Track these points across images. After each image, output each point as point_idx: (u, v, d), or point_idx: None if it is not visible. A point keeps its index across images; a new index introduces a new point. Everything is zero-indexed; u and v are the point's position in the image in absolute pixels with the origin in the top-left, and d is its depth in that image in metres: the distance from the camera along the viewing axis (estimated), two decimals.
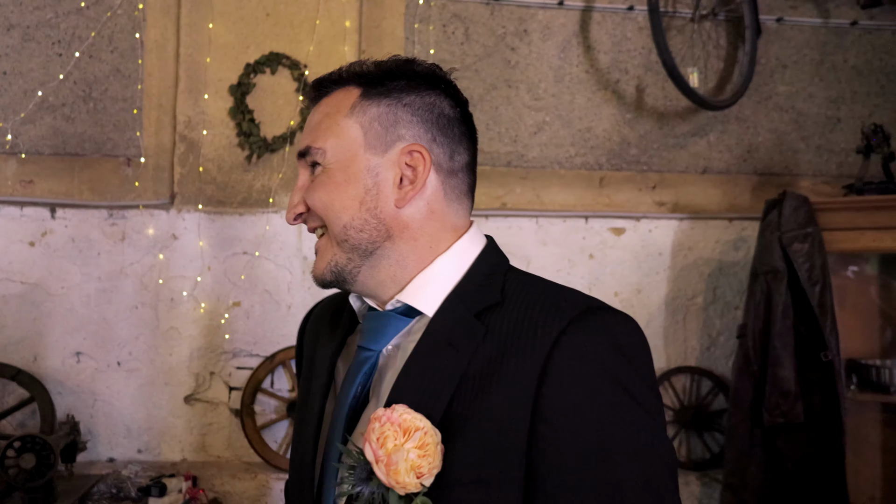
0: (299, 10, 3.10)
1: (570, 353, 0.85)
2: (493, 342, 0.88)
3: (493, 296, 0.93)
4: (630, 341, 0.88)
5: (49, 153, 3.09)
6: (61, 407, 3.04)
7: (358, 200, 0.95)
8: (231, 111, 3.08)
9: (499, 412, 0.84)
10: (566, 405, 0.84)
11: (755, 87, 3.26)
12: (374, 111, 0.97)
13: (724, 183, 3.29)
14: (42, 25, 3.08)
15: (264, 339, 3.10)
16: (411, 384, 0.90)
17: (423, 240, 0.97)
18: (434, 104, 0.98)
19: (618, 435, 0.83)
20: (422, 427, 0.83)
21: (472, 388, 0.87)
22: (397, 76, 0.98)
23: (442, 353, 0.90)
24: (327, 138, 0.97)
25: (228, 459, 3.09)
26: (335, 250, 0.97)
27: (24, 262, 3.04)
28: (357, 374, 0.97)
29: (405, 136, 0.96)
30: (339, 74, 1.01)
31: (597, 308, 0.89)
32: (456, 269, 0.97)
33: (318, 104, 1.01)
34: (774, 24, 3.30)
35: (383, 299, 0.99)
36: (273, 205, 3.09)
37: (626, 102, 3.26)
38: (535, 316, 0.88)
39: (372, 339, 0.98)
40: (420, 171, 0.95)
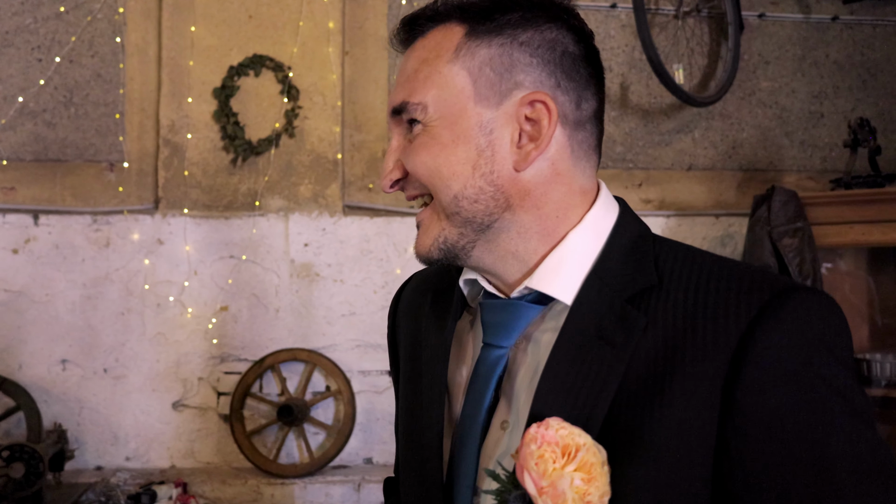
0: (282, 12, 2.87)
1: (768, 349, 0.66)
2: (657, 335, 0.70)
3: (648, 276, 0.74)
4: (834, 329, 0.69)
5: (31, 159, 2.85)
6: (48, 415, 2.81)
7: (470, 164, 0.75)
8: (215, 114, 2.85)
9: (676, 422, 0.67)
10: (766, 413, 0.66)
11: (738, 83, 3.05)
12: (484, 53, 0.76)
13: (709, 179, 3.08)
14: (21, 31, 2.84)
15: (253, 344, 2.87)
16: (558, 389, 0.72)
17: (549, 207, 0.77)
18: (556, 41, 0.77)
19: (834, 446, 0.65)
20: (583, 444, 0.66)
21: (636, 392, 0.69)
22: (510, 7, 0.76)
23: (593, 350, 0.72)
24: (427, 89, 0.76)
25: (218, 465, 2.86)
26: (444, 224, 0.77)
27: (7, 270, 2.81)
28: (490, 378, 0.78)
29: (524, 83, 0.75)
30: (436, 8, 0.78)
31: (791, 289, 0.69)
32: (593, 245, 0.77)
33: (411, 48, 0.80)
34: (756, 19, 3.10)
35: (506, 280, 0.79)
36: (259, 208, 2.86)
37: (611, 100, 3.05)
38: (712, 301, 0.69)
39: (500, 334, 0.79)
40: (544, 126, 0.75)
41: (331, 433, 2.84)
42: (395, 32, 0.82)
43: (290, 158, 2.87)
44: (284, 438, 2.82)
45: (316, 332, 2.87)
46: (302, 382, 2.85)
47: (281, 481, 2.74)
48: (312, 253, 2.87)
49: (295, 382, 2.87)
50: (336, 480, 2.74)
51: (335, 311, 2.88)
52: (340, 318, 2.88)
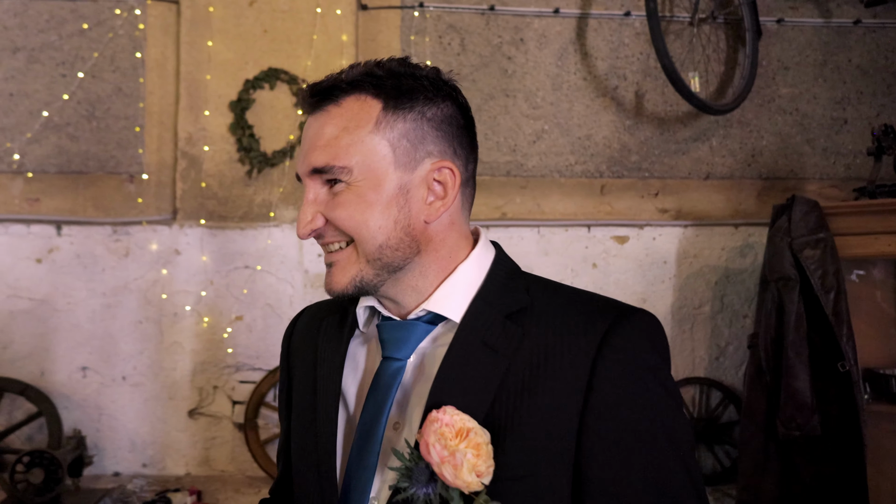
0: (296, 26, 2.75)
1: (618, 352, 0.81)
2: (531, 344, 0.83)
3: (521, 298, 0.87)
4: (661, 339, 0.86)
5: (54, 171, 2.78)
6: (68, 421, 2.73)
7: (392, 219, 0.85)
8: (231, 127, 2.74)
9: (548, 411, 0.80)
10: (615, 398, 0.80)
11: (757, 90, 2.84)
12: (400, 127, 0.85)
13: (728, 188, 2.86)
14: (46, 47, 2.77)
15: (267, 353, 2.74)
16: (451, 387, 0.83)
17: (445, 250, 0.89)
18: (453, 116, 0.89)
19: (659, 423, 0.81)
20: (472, 428, 0.77)
21: (515, 388, 0.81)
22: (416, 87, 0.86)
23: (479, 355, 0.84)
24: (352, 155, 0.84)
25: (232, 474, 2.74)
26: (362, 266, 0.86)
27: (31, 279, 2.73)
28: (391, 386, 0.87)
29: (433, 153, 0.87)
30: (343, 82, 0.86)
31: (633, 310, 0.85)
32: (477, 275, 0.90)
33: (322, 112, 0.87)
34: (775, 25, 2.88)
35: (404, 307, 0.90)
36: (274, 219, 2.74)
37: (626, 109, 2.86)
38: (574, 320, 0.84)
39: (399, 348, 0.88)
40: (450, 187, 0.87)
41: None
42: (306, 97, 0.88)
43: None
44: None
45: None
46: None
47: None
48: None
49: None
50: None
51: None
52: None
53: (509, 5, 2.88)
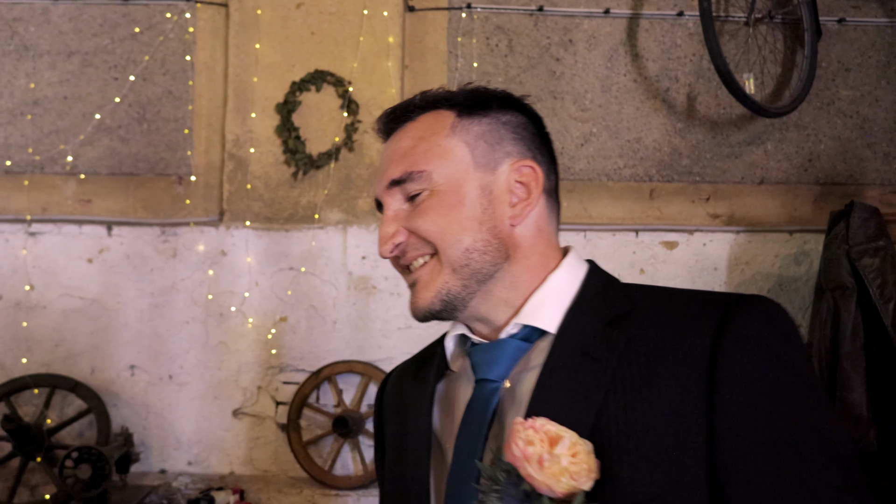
0: (343, 28, 2.85)
1: (739, 342, 0.75)
2: (638, 349, 0.78)
3: (622, 304, 0.83)
4: (788, 324, 0.79)
5: (106, 173, 2.93)
6: (116, 418, 2.87)
7: (477, 221, 0.85)
8: (277, 129, 2.85)
9: (665, 419, 0.74)
10: (745, 396, 0.73)
11: (816, 93, 2.83)
12: (476, 129, 0.87)
13: (783, 193, 2.87)
14: (100, 51, 2.93)
15: (310, 355, 2.85)
16: (550, 400, 0.78)
17: (535, 258, 0.87)
18: (527, 123, 0.91)
19: (803, 420, 0.73)
20: (568, 436, 0.71)
21: (623, 399, 0.76)
22: (488, 98, 0.90)
23: (579, 365, 0.79)
24: (430, 160, 0.85)
25: (275, 474, 2.85)
26: (447, 277, 0.85)
27: (82, 279, 2.89)
28: (487, 409, 0.83)
29: (512, 153, 0.88)
30: (421, 101, 0.90)
31: (750, 296, 0.80)
32: (571, 284, 0.87)
33: (400, 131, 0.89)
34: (836, 25, 2.88)
35: (495, 325, 0.88)
36: (319, 221, 2.84)
37: (677, 111, 2.89)
38: (682, 315, 0.79)
39: (490, 369, 0.85)
40: (533, 187, 0.87)
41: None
42: (383, 119, 0.91)
43: (350, 172, 2.85)
44: (339, 450, 2.79)
45: (372, 345, 2.83)
46: (358, 395, 2.81)
47: (335, 493, 2.70)
48: (370, 266, 2.83)
49: (351, 394, 2.83)
50: None
51: (391, 325, 2.83)
52: (396, 332, 2.82)
53: (558, 6, 2.93)
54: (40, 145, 2.94)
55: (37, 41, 2.94)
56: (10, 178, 2.92)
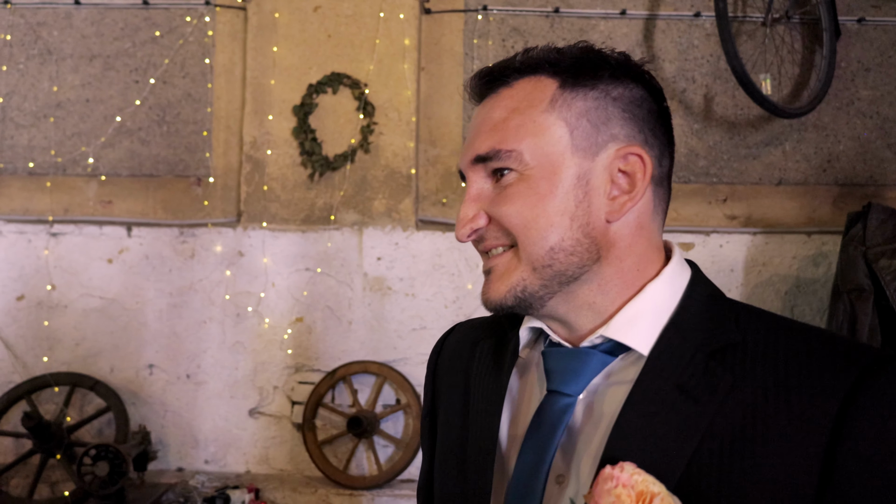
0: (359, 31, 2.95)
1: (874, 417, 0.65)
2: (744, 396, 0.69)
3: (730, 333, 0.73)
4: None
5: (126, 175, 3.06)
6: (135, 417, 2.99)
7: (568, 216, 0.75)
8: (294, 131, 2.96)
9: (770, 479, 0.66)
10: (865, 484, 0.64)
11: (835, 93, 2.88)
12: (580, 105, 0.77)
13: (801, 195, 2.91)
14: (121, 55, 3.06)
15: (326, 355, 2.94)
16: (634, 438, 0.71)
17: (631, 260, 0.78)
18: (643, 98, 0.79)
19: None
20: (657, 493, 0.65)
21: (721, 448, 0.68)
22: (599, 65, 0.78)
23: (673, 402, 0.71)
24: (522, 138, 0.76)
25: (291, 473, 2.95)
26: (526, 273, 0.76)
27: (102, 279, 3.01)
28: (557, 427, 0.76)
29: (619, 136, 0.77)
30: (526, 60, 0.80)
31: (888, 357, 0.69)
32: (670, 298, 0.77)
33: (491, 97, 0.80)
34: (855, 25, 2.92)
35: (577, 330, 0.79)
36: (334, 222, 2.94)
37: (694, 112, 2.95)
38: (804, 366, 0.69)
39: (568, 381, 0.77)
40: (639, 178, 0.76)
41: (400, 446, 2.87)
42: (475, 81, 0.82)
43: (365, 173, 2.94)
44: (354, 450, 2.87)
45: (387, 346, 2.91)
46: (372, 395, 2.89)
47: (350, 492, 2.79)
48: (385, 267, 2.93)
49: (366, 394, 2.92)
50: (404, 494, 2.76)
51: (406, 325, 2.91)
52: (411, 332, 2.91)
53: (574, 7, 3.00)
54: (62, 147, 3.07)
55: (60, 45, 3.08)
56: (33, 179, 3.06)
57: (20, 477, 3.00)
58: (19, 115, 3.08)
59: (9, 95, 3.07)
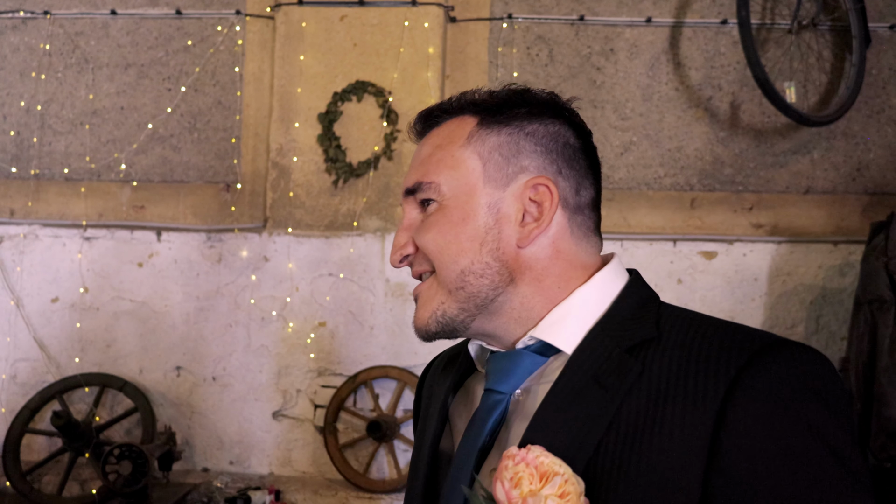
0: (384, 39, 3.22)
1: (754, 394, 0.73)
2: (651, 382, 0.78)
3: (647, 330, 0.83)
4: (826, 383, 0.76)
5: (158, 181, 3.37)
6: (163, 417, 3.28)
7: (478, 241, 0.86)
8: (319, 138, 3.24)
9: (663, 464, 0.74)
10: (750, 455, 0.72)
11: (865, 101, 3.04)
12: (493, 140, 0.89)
13: (829, 203, 3.08)
14: (154, 63, 3.38)
15: (348, 359, 3.20)
16: (549, 426, 0.81)
17: (550, 280, 0.88)
18: (559, 133, 0.90)
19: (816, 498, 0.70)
20: (561, 473, 0.73)
21: (625, 434, 0.77)
22: (518, 103, 0.91)
23: (587, 393, 0.81)
24: (440, 171, 0.89)
25: (313, 475, 3.21)
26: (443, 298, 0.88)
27: (133, 282, 3.32)
28: (487, 421, 0.87)
29: (529, 168, 0.88)
30: (451, 104, 0.94)
31: (782, 342, 0.78)
32: (598, 302, 0.87)
33: (427, 136, 0.94)
34: (887, 31, 3.09)
35: (507, 341, 0.90)
36: (358, 228, 3.20)
37: (720, 120, 3.14)
38: (703, 352, 0.78)
39: (500, 380, 0.88)
40: (546, 207, 0.87)
41: None
42: (413, 124, 0.97)
43: (388, 180, 3.20)
44: (375, 453, 3.12)
45: (408, 351, 3.16)
46: (393, 399, 3.14)
47: (369, 496, 3.04)
48: (407, 273, 3.14)
49: (387, 399, 3.16)
50: None
51: None
52: None
53: (600, 15, 3.23)
54: (97, 154, 3.40)
55: (97, 54, 3.42)
56: (68, 185, 3.40)
57: (52, 474, 3.33)
58: (57, 123, 3.42)
59: (47, 103, 3.42)
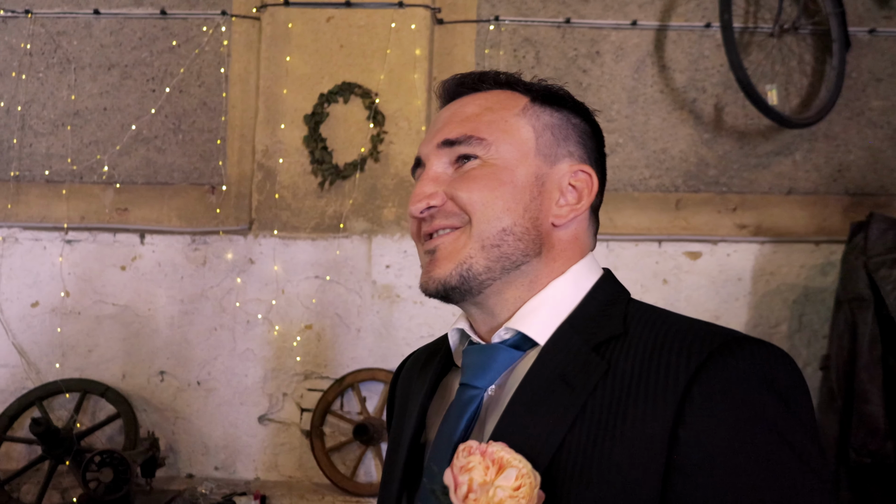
0: (371, 41, 3.34)
1: (712, 390, 0.77)
2: (616, 380, 0.82)
3: (614, 326, 0.87)
4: (786, 379, 0.79)
5: (142, 183, 3.46)
6: (146, 423, 3.36)
7: (523, 205, 0.92)
8: (305, 140, 3.34)
9: (624, 461, 0.77)
10: (706, 451, 0.75)
11: (845, 103, 3.21)
12: (547, 119, 0.96)
13: (811, 204, 3.24)
14: (138, 64, 3.47)
15: (334, 362, 3.30)
16: (516, 423, 0.84)
17: (559, 263, 0.94)
18: (594, 133, 1.00)
19: (773, 493, 0.74)
20: (519, 467, 0.77)
21: (589, 432, 0.80)
22: (563, 96, 0.99)
23: (553, 390, 0.84)
24: (493, 131, 0.93)
25: (299, 480, 3.30)
26: (474, 251, 0.91)
27: (115, 286, 3.40)
28: (462, 416, 0.91)
29: (575, 155, 0.96)
30: (497, 76, 0.99)
31: (743, 339, 0.81)
32: (572, 295, 0.93)
33: (466, 97, 0.98)
34: (866, 35, 3.26)
35: (495, 322, 0.94)
36: (344, 230, 3.31)
37: (704, 122, 3.29)
38: (666, 349, 0.81)
39: (476, 375, 0.92)
40: (585, 195, 0.95)
41: None
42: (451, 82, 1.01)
43: (375, 182, 3.31)
44: (362, 457, 3.22)
45: (395, 353, 3.26)
46: (380, 402, 3.24)
47: (356, 499, 3.13)
48: (394, 275, 3.28)
49: (374, 402, 3.26)
50: None
51: (414, 333, 3.26)
52: (419, 340, 3.26)
53: (586, 18, 3.37)
54: (79, 155, 3.48)
55: (79, 54, 3.50)
56: (50, 187, 3.48)
57: (31, 483, 3.39)
58: (38, 124, 3.50)
59: (28, 104, 3.50)
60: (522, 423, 0.84)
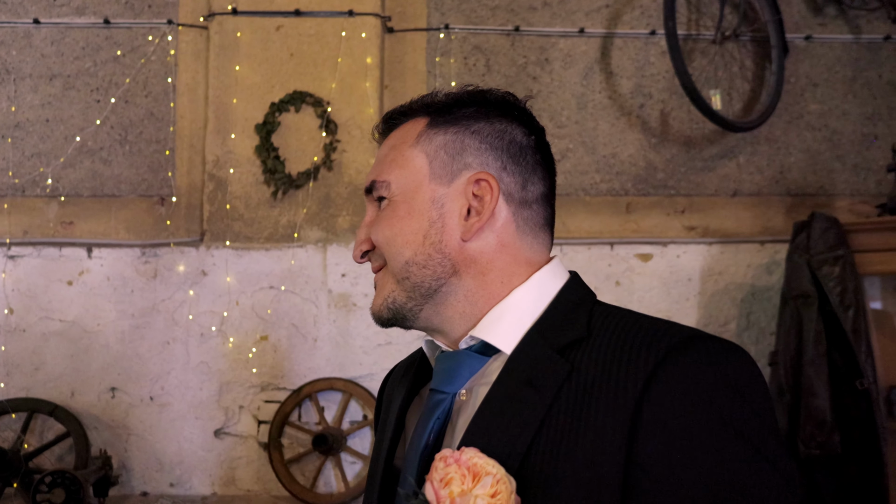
0: (322, 49, 3.35)
1: (668, 388, 0.79)
2: (579, 382, 0.84)
3: (578, 330, 0.89)
4: (743, 375, 0.82)
5: (88, 195, 3.41)
6: (97, 441, 3.31)
7: (422, 234, 0.95)
8: (257, 149, 3.34)
9: (587, 462, 0.79)
10: (666, 450, 0.77)
11: (785, 107, 3.35)
12: (440, 139, 0.98)
13: (755, 205, 3.37)
14: (82, 74, 3.43)
15: (291, 373, 3.30)
16: (485, 428, 0.87)
17: (493, 275, 0.96)
18: (505, 131, 0.98)
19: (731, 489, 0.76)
20: (493, 473, 0.78)
21: (555, 434, 0.82)
22: (467, 103, 1.00)
23: (521, 395, 0.87)
24: (392, 170, 0.98)
25: (258, 493, 3.29)
26: (393, 286, 0.97)
27: (62, 301, 3.35)
28: (429, 421, 0.94)
29: (472, 165, 0.96)
30: (409, 106, 1.03)
31: (699, 336, 0.84)
32: (535, 302, 0.95)
33: (389, 135, 1.04)
34: (803, 42, 3.41)
35: (453, 337, 0.98)
36: (298, 240, 3.31)
37: (651, 127, 3.39)
38: (626, 349, 0.83)
39: (444, 380, 0.96)
40: (487, 201, 0.95)
41: (367, 462, 3.22)
42: (376, 126, 1.08)
43: (329, 191, 3.33)
44: (321, 467, 3.23)
45: (353, 362, 3.28)
46: (339, 412, 3.25)
47: None
48: (350, 283, 3.30)
49: (333, 411, 3.27)
50: None
51: (372, 341, 3.28)
52: (377, 348, 3.28)
53: (535, 26, 3.45)
54: (21, 168, 3.42)
55: (19, 64, 3.44)
56: None
57: None
58: None
59: None
60: (492, 427, 0.86)
